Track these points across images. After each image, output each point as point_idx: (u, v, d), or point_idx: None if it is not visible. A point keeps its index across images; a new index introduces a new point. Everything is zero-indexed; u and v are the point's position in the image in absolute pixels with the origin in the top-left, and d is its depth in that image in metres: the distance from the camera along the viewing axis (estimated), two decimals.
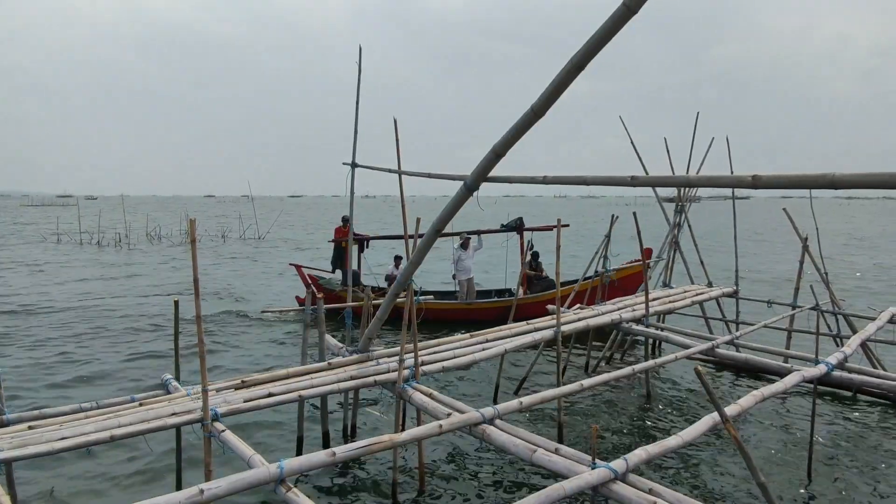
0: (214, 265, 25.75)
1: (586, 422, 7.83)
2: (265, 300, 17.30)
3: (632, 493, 3.80)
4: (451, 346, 6.96)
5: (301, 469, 4.23)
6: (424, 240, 5.28)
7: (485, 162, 4.37)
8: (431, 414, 5.35)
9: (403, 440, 4.70)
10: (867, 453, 6.95)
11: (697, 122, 10.87)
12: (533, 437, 4.71)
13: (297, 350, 8.83)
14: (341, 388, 5.98)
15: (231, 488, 3.75)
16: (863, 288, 19.73)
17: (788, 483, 6.22)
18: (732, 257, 11.03)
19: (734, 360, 7.51)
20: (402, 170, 6.49)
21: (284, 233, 47.00)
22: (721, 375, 9.92)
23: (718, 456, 6.83)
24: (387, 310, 6.10)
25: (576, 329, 7.94)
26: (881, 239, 43.46)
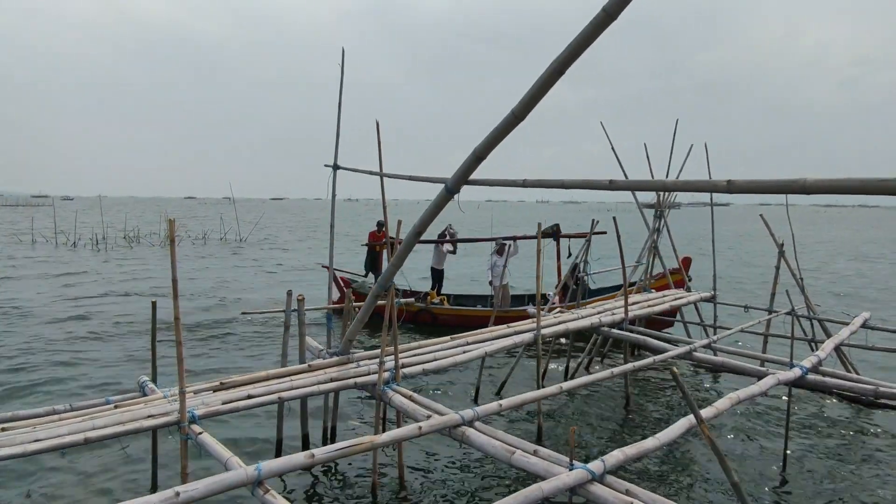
0: (194, 267, 25.48)
1: (566, 424, 7.88)
2: (246, 302, 17.16)
3: (609, 494, 3.83)
4: (432, 349, 6.97)
5: (279, 471, 4.21)
6: (405, 243, 5.29)
7: (465, 165, 4.40)
8: (411, 416, 5.36)
9: (383, 442, 4.70)
10: (840, 455, 7.09)
11: (677, 128, 11.02)
12: (511, 439, 4.73)
13: (278, 352, 8.78)
14: (321, 389, 5.96)
15: (207, 491, 3.71)
16: (839, 293, 20.12)
17: (764, 483, 6.32)
18: (711, 262, 11.18)
19: (711, 363, 7.60)
20: (383, 172, 6.48)
21: (267, 234, 46.72)
22: (700, 378, 10.05)
23: (696, 457, 6.92)
24: (367, 312, 6.10)
25: (555, 332, 7.99)
26: (851, 245, 44.35)
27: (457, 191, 4.65)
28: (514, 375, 9.27)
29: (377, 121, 6.74)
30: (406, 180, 6.67)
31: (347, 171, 8.04)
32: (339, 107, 7.80)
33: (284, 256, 31.29)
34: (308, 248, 36.64)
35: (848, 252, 37.60)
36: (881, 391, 6.49)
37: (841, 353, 8.70)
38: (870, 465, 6.80)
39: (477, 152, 4.25)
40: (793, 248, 9.56)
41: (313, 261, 28.48)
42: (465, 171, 4.45)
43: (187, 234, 42.56)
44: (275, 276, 23.22)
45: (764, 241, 10.25)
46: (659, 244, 11.20)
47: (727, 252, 33.26)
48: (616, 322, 8.57)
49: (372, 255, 15.68)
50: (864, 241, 48.70)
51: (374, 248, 15.45)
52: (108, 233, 37.21)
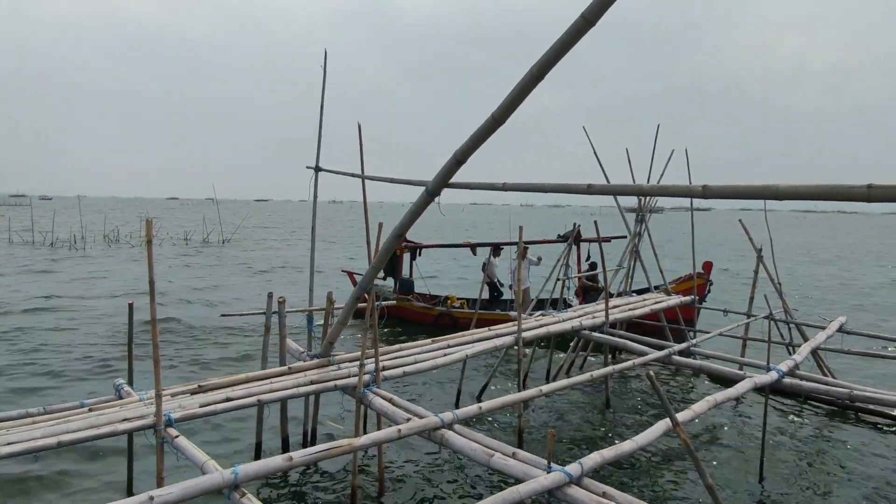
0: (175, 268, 25.23)
1: (546, 427, 7.91)
2: (227, 304, 17.02)
3: (585, 497, 3.85)
4: (413, 352, 6.97)
5: (257, 474, 4.18)
6: (385, 245, 5.29)
7: (446, 168, 4.42)
8: (391, 419, 5.35)
9: (362, 444, 4.68)
10: (815, 458, 7.19)
11: (658, 133, 11.13)
12: (491, 442, 4.74)
13: (259, 354, 8.71)
14: (301, 392, 5.93)
15: (183, 495, 3.68)
16: (816, 297, 20.42)
17: (740, 486, 6.39)
18: (691, 266, 11.31)
19: (690, 366, 7.68)
20: (365, 174, 6.48)
21: (250, 235, 46.36)
22: (679, 382, 10.14)
23: (674, 460, 6.97)
24: (348, 314, 6.08)
25: (536, 335, 8.02)
26: (829, 251, 45.05)
27: (437, 193, 4.66)
28: (496, 378, 9.30)
29: (359, 123, 6.75)
30: (389, 183, 6.67)
31: (331, 174, 8.04)
32: (322, 108, 7.80)
33: (267, 257, 31.08)
34: (291, 248, 36.47)
35: (791, 257, 38.02)
36: (856, 395, 6.61)
37: (817, 356, 8.83)
38: (844, 469, 6.90)
39: (457, 156, 4.27)
40: (771, 252, 9.70)
41: (298, 262, 28.34)
42: (446, 175, 4.46)
43: (168, 235, 42.11)
44: (257, 278, 23.05)
45: (745, 245, 10.37)
46: (640, 248, 11.31)
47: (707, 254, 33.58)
48: (597, 325, 8.62)
49: (391, 259, 15.70)
50: (815, 246, 49.49)
51: (395, 251, 15.45)
52: (87, 234, 36.69)
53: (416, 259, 15.48)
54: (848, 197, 2.54)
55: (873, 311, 18.16)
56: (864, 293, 22.50)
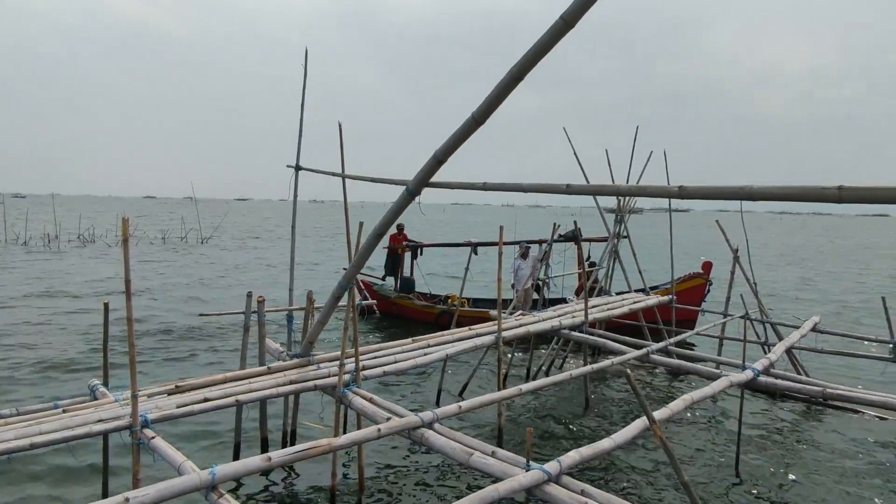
0: (152, 268, 24.89)
1: (526, 425, 7.95)
2: (207, 303, 16.84)
3: (564, 495, 3.88)
4: (393, 351, 6.96)
5: (235, 475, 4.15)
6: (366, 244, 5.28)
7: (427, 168, 4.42)
8: (371, 418, 5.34)
9: (342, 444, 4.67)
10: (790, 453, 7.32)
11: (637, 135, 11.25)
12: (470, 441, 4.75)
13: (238, 354, 8.64)
14: (280, 392, 5.90)
15: (159, 496, 3.63)
16: (790, 297, 20.78)
17: (716, 483, 6.49)
18: (670, 266, 11.44)
19: (668, 365, 7.77)
20: (345, 173, 6.46)
21: (229, 234, 45.90)
22: (656, 380, 10.25)
23: (653, 457, 7.05)
24: (328, 314, 6.05)
25: (516, 335, 8.06)
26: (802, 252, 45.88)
27: (418, 193, 4.67)
28: (477, 377, 9.32)
29: (339, 122, 6.73)
30: (370, 182, 6.66)
31: (312, 173, 8.00)
32: (302, 107, 7.76)
33: (247, 256, 30.81)
34: (271, 247, 36.18)
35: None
36: (828, 392, 6.74)
37: (792, 355, 8.98)
38: (817, 465, 7.04)
39: (438, 155, 4.28)
40: (747, 253, 9.85)
41: (277, 260, 28.14)
42: (427, 174, 4.47)
43: (145, 234, 41.53)
44: (237, 277, 22.84)
45: (721, 246, 10.52)
46: (619, 248, 11.41)
47: (685, 255, 34.04)
48: (576, 325, 8.68)
49: (392, 258, 15.67)
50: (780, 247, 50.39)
51: (396, 250, 15.47)
52: (62, 232, 36.05)
53: (416, 258, 15.54)
54: (819, 198, 2.60)
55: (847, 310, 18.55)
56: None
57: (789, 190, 2.79)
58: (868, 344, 10.25)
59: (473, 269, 7.47)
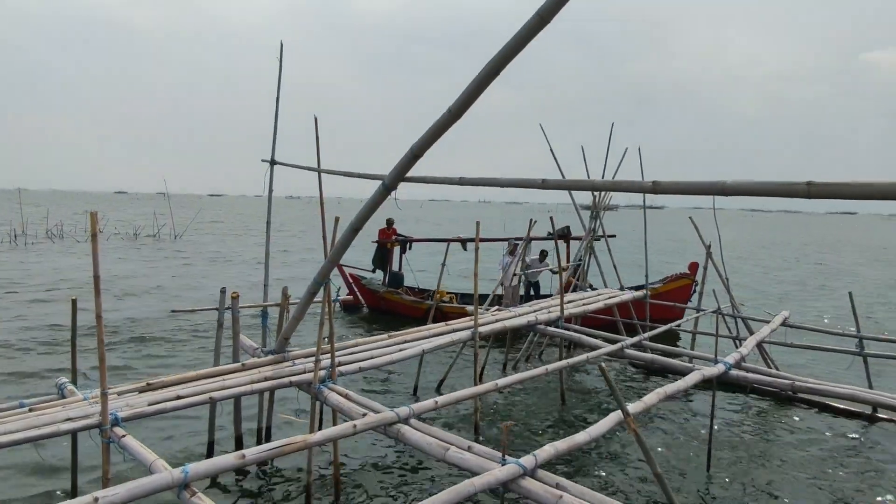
0: (123, 264, 24.44)
1: (503, 420, 7.98)
2: (180, 299, 16.58)
3: (539, 488, 3.91)
4: (369, 347, 6.93)
5: (207, 473, 4.09)
6: (341, 239, 5.24)
7: (403, 162, 4.40)
8: (347, 414, 5.31)
9: (317, 441, 4.64)
10: (760, 444, 7.48)
11: (612, 132, 11.35)
12: (447, 436, 4.76)
13: (211, 352, 8.54)
14: (255, 388, 5.83)
15: (129, 495, 3.57)
16: (762, 292, 21.20)
17: (689, 475, 6.59)
18: (644, 262, 11.57)
19: (642, 359, 7.87)
20: (321, 168, 6.41)
21: (203, 230, 45.24)
22: (631, 375, 10.38)
23: (626, 450, 7.14)
24: (303, 310, 6.00)
25: (492, 330, 8.09)
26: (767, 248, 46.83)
27: (394, 187, 4.64)
28: (454, 373, 9.33)
29: (315, 116, 6.68)
30: (346, 177, 6.61)
31: (287, 168, 7.92)
32: (277, 101, 7.68)
33: (221, 252, 30.42)
34: (245, 242, 35.76)
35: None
36: (797, 385, 6.89)
37: (762, 349, 9.16)
38: (786, 455, 7.20)
39: (414, 150, 4.26)
40: (720, 249, 10.01)
41: (251, 257, 27.83)
42: (403, 169, 4.44)
43: (116, 230, 40.73)
44: (210, 273, 22.53)
45: (696, 242, 10.67)
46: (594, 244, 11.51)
47: (659, 252, 34.53)
48: (552, 320, 8.74)
49: (381, 252, 15.62)
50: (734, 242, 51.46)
51: (385, 244, 15.41)
52: (28, 228, 35.17)
53: (405, 253, 15.52)
54: (789, 193, 2.64)
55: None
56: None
57: (761, 185, 2.83)
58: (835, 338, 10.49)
59: (462, 264, 7.49)
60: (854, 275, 29.07)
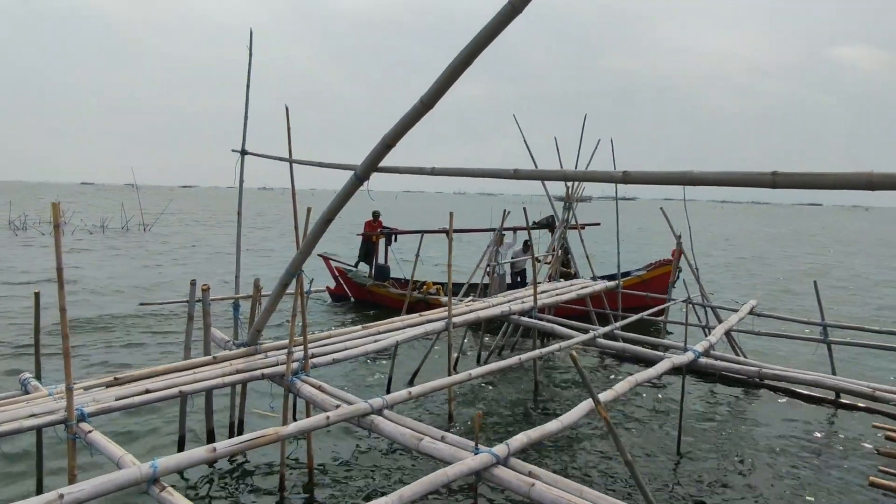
0: (90, 256, 23.91)
1: (477, 411, 8.03)
2: (150, 292, 16.29)
3: (512, 476, 3.94)
4: (343, 338, 6.90)
5: (177, 467, 4.03)
6: (314, 230, 5.19)
7: (375, 152, 4.37)
8: (320, 406, 5.28)
9: (290, 433, 4.60)
10: (728, 429, 7.65)
11: (585, 123, 11.43)
12: (420, 426, 4.76)
13: (181, 345, 8.41)
14: (226, 382, 5.76)
15: (95, 491, 3.50)
16: (732, 281, 21.63)
17: (660, 458, 6.73)
18: (616, 254, 11.71)
19: (613, 349, 7.97)
20: (292, 158, 6.33)
21: (173, 222, 44.45)
22: (603, 364, 10.51)
23: (597, 438, 7.24)
24: (275, 301, 5.94)
25: (466, 321, 8.11)
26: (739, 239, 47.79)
27: (366, 178, 4.61)
28: (429, 364, 9.34)
29: (286, 106, 6.59)
30: (319, 167, 6.54)
31: (260, 159, 7.81)
32: (248, 90, 7.56)
33: (192, 245, 29.94)
34: (216, 234, 35.26)
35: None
36: (764, 372, 7.06)
37: (730, 337, 9.35)
38: (753, 439, 7.38)
39: (386, 140, 4.23)
40: (690, 240, 10.18)
41: (225, 250, 27.45)
42: (375, 159, 4.41)
43: (82, 221, 39.79)
44: (181, 265, 22.17)
45: (666, 233, 10.83)
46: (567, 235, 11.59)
47: (631, 242, 34.99)
48: (525, 310, 8.79)
49: (367, 245, 15.57)
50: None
51: (371, 237, 15.32)
52: None
53: (391, 245, 15.48)
54: (755, 183, 2.69)
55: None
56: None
57: (728, 175, 2.87)
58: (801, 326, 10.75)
59: (446, 256, 7.53)
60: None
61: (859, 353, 10.26)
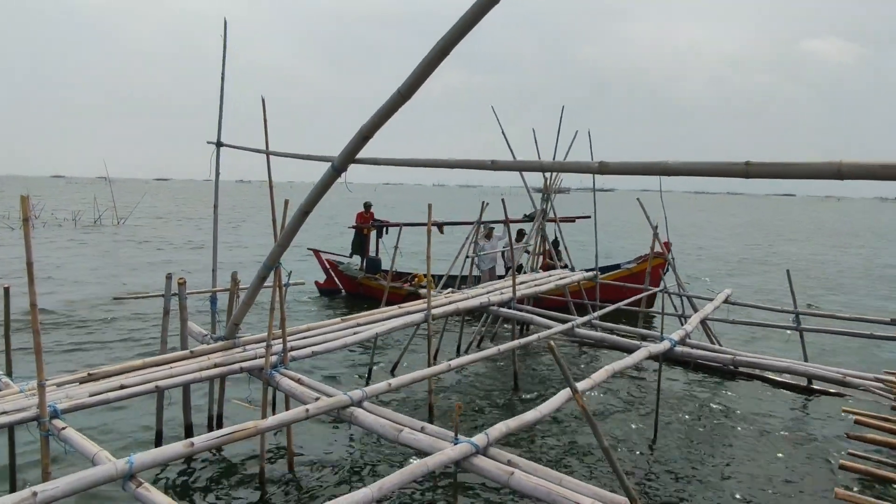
0: (62, 251, 23.44)
1: (456, 401, 8.06)
2: (126, 286, 16.03)
3: (491, 465, 3.97)
4: (322, 331, 6.87)
5: (154, 462, 3.98)
6: (291, 222, 5.14)
7: (352, 144, 4.33)
8: (299, 399, 5.26)
9: (269, 426, 4.58)
10: (703, 415, 7.79)
11: (563, 115, 11.49)
12: (400, 418, 4.77)
13: (157, 340, 8.30)
14: (204, 376, 5.71)
15: (70, 489, 3.44)
16: (706, 271, 21.95)
17: (637, 445, 6.83)
18: (594, 244, 11.80)
19: (591, 338, 8.05)
20: (269, 150, 6.26)
21: (148, 216, 43.69)
22: (581, 353, 10.62)
23: (576, 426, 7.32)
24: (253, 295, 5.89)
25: (445, 312, 8.12)
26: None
27: (344, 169, 4.57)
28: (410, 355, 9.34)
29: (263, 97, 6.51)
30: (294, 159, 6.48)
31: (238, 152, 7.72)
32: (223, 80, 7.45)
33: (168, 238, 29.49)
34: (192, 228, 34.78)
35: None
36: (738, 360, 7.19)
37: (706, 326, 9.50)
38: (727, 424, 7.54)
39: (363, 131, 4.19)
40: (666, 230, 10.30)
41: (200, 241, 27.11)
42: (352, 150, 4.37)
43: (53, 215, 38.96)
44: (157, 259, 21.84)
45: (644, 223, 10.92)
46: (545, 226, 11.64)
47: (608, 233, 35.32)
48: (504, 301, 8.83)
49: (359, 237, 15.48)
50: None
51: (362, 230, 15.20)
52: None
53: (382, 237, 15.44)
54: (729, 173, 2.72)
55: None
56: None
57: (702, 165, 2.90)
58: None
59: (436, 247, 7.54)
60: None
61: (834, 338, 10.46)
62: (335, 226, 31.97)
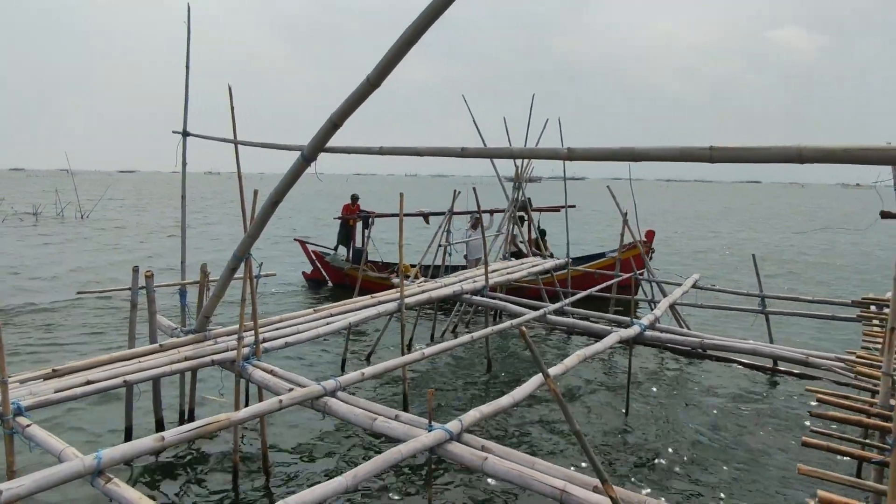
0: (23, 245, 22.80)
1: (430, 389, 8.10)
2: (91, 281, 15.68)
3: (465, 451, 4.00)
4: (294, 322, 6.82)
5: (123, 458, 3.92)
6: (261, 212, 5.08)
7: (322, 132, 4.28)
8: (273, 391, 5.22)
9: (242, 418, 4.53)
10: (674, 397, 7.98)
11: (533, 103, 11.53)
12: (374, 406, 4.77)
13: (125, 335, 8.14)
14: (174, 369, 5.62)
15: (36, 486, 3.37)
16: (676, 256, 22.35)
17: (609, 427, 6.97)
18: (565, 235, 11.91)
19: (563, 324, 8.14)
20: (237, 139, 6.16)
21: (112, 209, 42.72)
22: (553, 340, 10.74)
23: (548, 411, 7.42)
24: (223, 286, 5.81)
25: (419, 301, 8.13)
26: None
27: (313, 158, 4.52)
28: (383, 344, 9.34)
29: (229, 85, 6.40)
30: (264, 148, 6.39)
31: (207, 143, 7.58)
32: (187, 68, 7.30)
33: (133, 231, 28.89)
34: (160, 220, 34.12)
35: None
36: (706, 343, 7.33)
37: (675, 310, 9.67)
38: (695, 404, 7.74)
39: (333, 119, 4.15)
40: (635, 217, 10.45)
41: (168, 233, 26.62)
42: (322, 139, 4.33)
43: (13, 209, 37.85)
44: (122, 253, 21.39)
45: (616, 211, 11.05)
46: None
47: (580, 221, 35.67)
48: (477, 289, 8.87)
49: (345, 229, 15.39)
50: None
51: (348, 221, 15.05)
52: None
53: (367, 228, 15.36)
54: (693, 157, 2.76)
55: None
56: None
57: (668, 151, 2.94)
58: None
59: (422, 237, 7.58)
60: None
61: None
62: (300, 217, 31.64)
